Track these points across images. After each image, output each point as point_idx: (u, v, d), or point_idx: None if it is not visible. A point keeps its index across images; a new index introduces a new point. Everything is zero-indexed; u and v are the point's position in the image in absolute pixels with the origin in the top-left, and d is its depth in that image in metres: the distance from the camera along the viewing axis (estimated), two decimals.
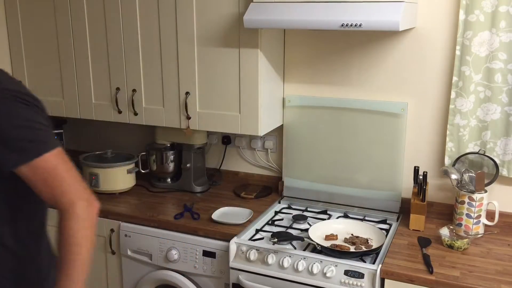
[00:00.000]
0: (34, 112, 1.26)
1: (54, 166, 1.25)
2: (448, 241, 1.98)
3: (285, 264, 1.94)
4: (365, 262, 1.90)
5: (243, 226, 2.17)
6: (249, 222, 2.22)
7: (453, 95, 2.14)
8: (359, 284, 1.84)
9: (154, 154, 2.63)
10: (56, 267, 1.28)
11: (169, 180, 2.68)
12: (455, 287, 1.74)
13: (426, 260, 1.87)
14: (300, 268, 1.92)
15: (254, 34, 2.14)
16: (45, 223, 1.45)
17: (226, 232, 2.12)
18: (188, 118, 2.34)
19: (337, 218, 2.30)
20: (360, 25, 1.83)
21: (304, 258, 1.93)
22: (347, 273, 1.86)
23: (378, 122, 2.30)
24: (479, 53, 2.05)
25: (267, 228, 2.20)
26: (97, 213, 1.30)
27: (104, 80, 2.50)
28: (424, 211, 2.13)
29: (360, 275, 1.84)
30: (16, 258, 1.35)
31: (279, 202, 2.48)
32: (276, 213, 2.36)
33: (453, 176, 2.10)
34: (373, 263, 1.88)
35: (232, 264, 2.04)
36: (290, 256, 1.95)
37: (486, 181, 2.09)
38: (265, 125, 2.29)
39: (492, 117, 2.09)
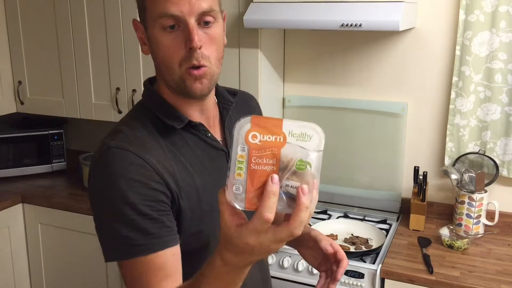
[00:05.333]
0: None
1: None
2: (448, 241, 1.98)
3: (285, 264, 1.93)
4: (365, 262, 1.90)
5: None
6: None
7: (453, 95, 2.14)
8: (359, 284, 1.84)
9: None
10: None
11: None
12: (455, 287, 1.74)
13: (426, 260, 1.86)
14: (300, 268, 1.91)
15: (254, 34, 2.14)
16: None
17: None
18: None
19: (337, 218, 2.30)
20: (360, 25, 1.83)
21: None
22: (347, 273, 1.86)
23: (378, 122, 2.30)
24: (479, 53, 2.05)
25: None
26: None
27: (104, 80, 2.50)
28: (424, 211, 2.12)
29: (360, 275, 1.84)
30: None
31: None
32: None
33: (453, 176, 2.10)
34: (373, 263, 1.88)
35: None
36: (290, 256, 1.95)
37: (486, 181, 2.09)
38: None
39: (492, 117, 2.09)
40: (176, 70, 1.00)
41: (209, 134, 1.10)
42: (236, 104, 1.19)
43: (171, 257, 0.98)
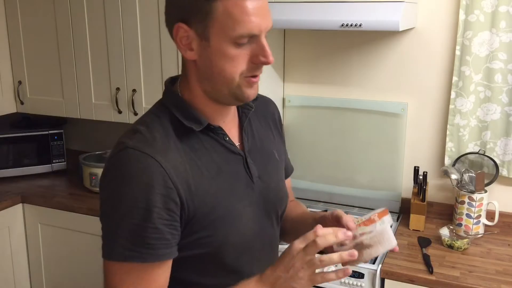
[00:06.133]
0: None
1: None
2: (448, 241, 1.98)
3: None
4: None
5: None
6: None
7: (453, 95, 2.14)
8: (359, 284, 1.84)
9: None
10: None
11: None
12: (455, 287, 1.74)
13: (426, 260, 1.86)
14: None
15: None
16: None
17: None
18: None
19: None
20: (360, 25, 1.83)
21: None
22: None
23: (378, 122, 2.30)
24: (479, 53, 2.05)
25: None
26: None
27: (104, 80, 2.50)
28: (424, 211, 2.12)
29: (360, 275, 1.84)
30: None
31: None
32: None
33: (453, 176, 2.10)
34: (373, 263, 1.88)
35: None
36: None
37: (486, 181, 2.09)
38: None
39: (492, 117, 2.09)
40: (236, 79, 1.01)
41: (227, 138, 1.11)
42: (256, 108, 1.20)
43: (159, 271, 0.99)
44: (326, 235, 0.96)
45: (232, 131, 1.14)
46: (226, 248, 1.08)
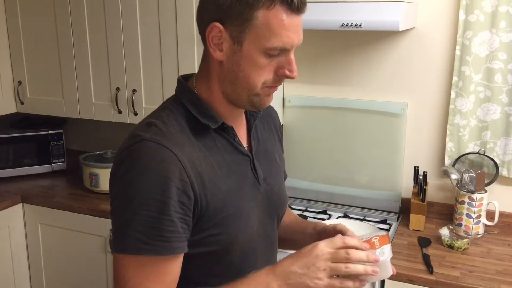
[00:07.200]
0: None
1: None
2: (448, 241, 1.98)
3: None
4: None
5: None
6: None
7: (453, 95, 2.14)
8: None
9: None
10: None
11: None
12: (455, 287, 1.74)
13: (426, 260, 1.86)
14: None
15: None
16: None
17: None
18: None
19: (337, 218, 2.30)
20: (360, 25, 1.83)
21: None
22: None
23: (378, 122, 2.30)
24: (479, 53, 2.05)
25: None
26: None
27: (104, 80, 2.50)
28: (424, 211, 2.12)
29: None
30: None
31: None
32: None
33: (453, 176, 2.10)
34: None
35: None
36: None
37: (486, 181, 2.09)
38: None
39: (492, 117, 2.09)
40: (258, 87, 1.03)
41: (237, 138, 1.12)
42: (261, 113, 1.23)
43: (172, 265, 1.00)
44: (358, 252, 1.00)
45: (240, 133, 1.15)
46: (234, 247, 1.09)
